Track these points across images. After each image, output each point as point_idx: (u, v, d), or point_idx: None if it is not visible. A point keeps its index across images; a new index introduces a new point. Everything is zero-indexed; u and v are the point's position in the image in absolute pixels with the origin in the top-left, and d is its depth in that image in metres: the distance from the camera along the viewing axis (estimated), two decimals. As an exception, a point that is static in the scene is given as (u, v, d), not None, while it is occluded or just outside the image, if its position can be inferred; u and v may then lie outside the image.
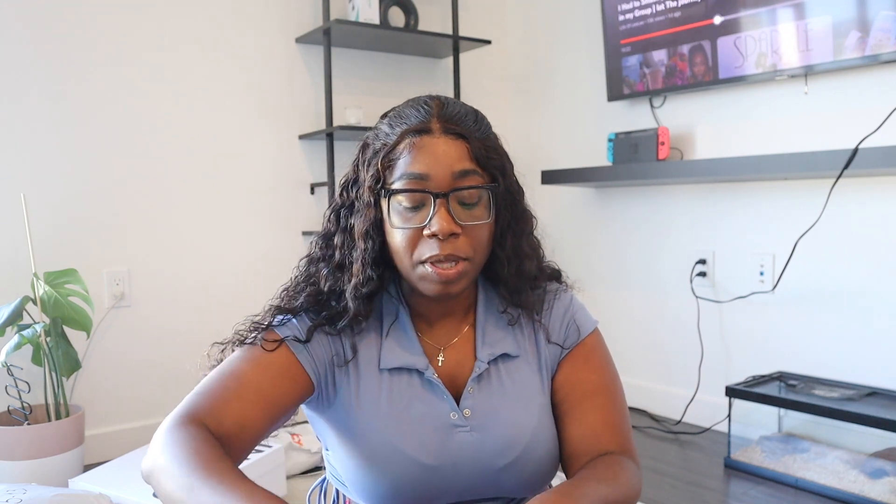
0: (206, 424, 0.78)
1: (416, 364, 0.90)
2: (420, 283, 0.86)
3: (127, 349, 2.43)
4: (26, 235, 2.13)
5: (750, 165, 2.18)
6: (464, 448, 0.88)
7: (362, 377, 0.90)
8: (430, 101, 0.89)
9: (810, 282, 2.30)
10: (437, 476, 0.87)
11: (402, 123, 0.88)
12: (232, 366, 0.85)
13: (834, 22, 2.10)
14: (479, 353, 0.92)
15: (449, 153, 0.85)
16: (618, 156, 2.63)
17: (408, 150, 0.85)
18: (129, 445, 2.33)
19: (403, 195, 0.84)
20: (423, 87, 3.07)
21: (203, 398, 0.81)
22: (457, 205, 0.85)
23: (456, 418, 0.89)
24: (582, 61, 2.99)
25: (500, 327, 0.95)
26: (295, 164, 2.78)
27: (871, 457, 2.03)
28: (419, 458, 0.86)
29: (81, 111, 2.34)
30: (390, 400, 0.89)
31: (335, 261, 0.91)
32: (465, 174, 0.85)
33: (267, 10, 2.69)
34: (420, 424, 0.88)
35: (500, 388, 0.92)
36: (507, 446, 0.89)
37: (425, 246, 0.84)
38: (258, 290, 2.66)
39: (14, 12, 2.22)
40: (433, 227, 0.83)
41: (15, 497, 1.62)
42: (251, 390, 0.83)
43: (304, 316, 0.90)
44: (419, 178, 0.84)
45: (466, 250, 0.85)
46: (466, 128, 0.87)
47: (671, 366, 2.71)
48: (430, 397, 0.90)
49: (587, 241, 3.01)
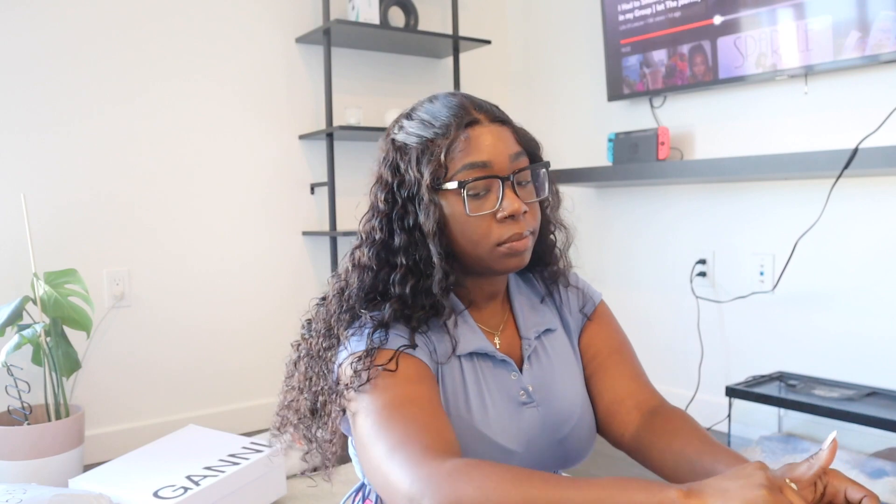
0: (448, 454, 0.74)
1: (486, 348, 0.93)
2: (498, 262, 0.89)
3: (127, 349, 2.43)
4: (26, 235, 2.13)
5: (750, 165, 2.18)
6: (533, 424, 0.92)
7: (445, 368, 0.90)
8: (457, 95, 0.93)
9: (810, 282, 2.29)
10: (518, 460, 0.90)
11: (447, 119, 0.89)
12: (390, 401, 0.80)
13: (834, 22, 2.10)
14: (524, 331, 0.97)
15: (502, 139, 0.90)
16: (618, 156, 2.63)
17: (464, 142, 0.88)
18: (129, 445, 2.32)
19: (471, 185, 0.87)
20: (423, 87, 3.07)
21: (419, 440, 0.74)
22: (518, 185, 0.90)
23: (524, 396, 0.93)
24: (582, 61, 2.98)
25: (534, 305, 1.01)
26: (295, 164, 2.78)
27: (871, 457, 2.03)
28: (504, 443, 0.89)
29: (81, 111, 2.34)
30: (472, 385, 0.91)
31: (404, 264, 0.89)
32: (518, 156, 0.90)
33: (267, 10, 2.69)
34: (498, 408, 0.91)
35: (548, 362, 0.97)
36: (567, 416, 0.94)
37: (502, 228, 0.88)
38: (258, 289, 2.66)
39: (14, 12, 2.22)
40: (507, 209, 0.87)
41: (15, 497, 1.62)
42: (432, 403, 0.81)
43: (396, 325, 0.88)
44: (483, 166, 0.88)
45: (532, 224, 0.91)
46: (503, 115, 0.93)
47: (671, 366, 2.71)
48: (502, 379, 0.93)
49: (587, 241, 3.00)
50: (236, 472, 1.83)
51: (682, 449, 0.84)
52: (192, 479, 1.78)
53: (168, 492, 1.73)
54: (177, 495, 1.71)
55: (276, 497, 1.95)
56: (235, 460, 1.89)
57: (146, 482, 1.78)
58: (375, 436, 0.77)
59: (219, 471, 1.82)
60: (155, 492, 1.73)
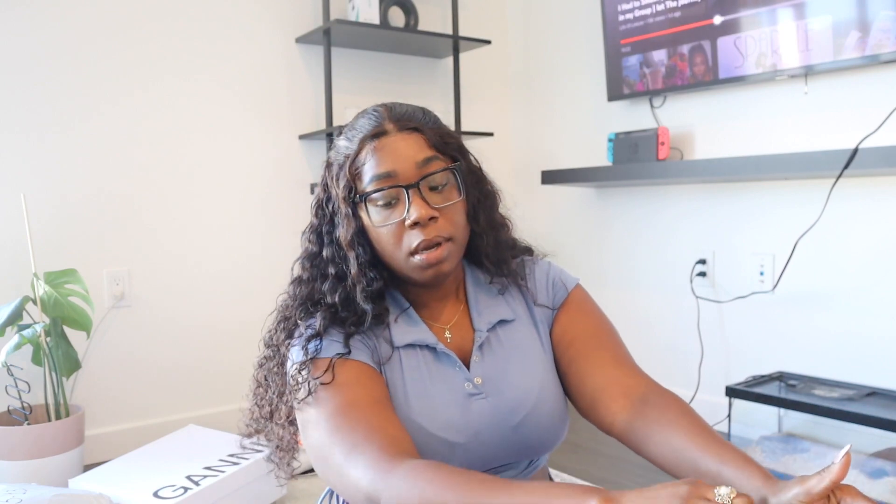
0: (400, 454, 0.77)
1: (427, 339, 0.94)
2: (414, 272, 0.91)
3: (127, 349, 2.43)
4: (26, 235, 2.13)
5: (750, 165, 2.18)
6: (483, 415, 0.92)
7: (384, 364, 0.93)
8: (378, 108, 0.96)
9: (810, 282, 2.30)
10: (463, 451, 0.90)
11: (358, 133, 0.93)
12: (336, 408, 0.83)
13: (834, 22, 2.10)
14: (477, 323, 0.98)
15: (408, 147, 0.91)
16: (618, 156, 2.63)
17: (370, 155, 0.91)
18: (129, 445, 2.32)
19: (378, 195, 0.90)
20: (423, 87, 3.07)
21: (370, 444, 0.78)
22: (428, 191, 0.90)
23: (470, 388, 0.93)
24: (582, 61, 2.98)
25: (491, 297, 1.01)
26: (295, 164, 2.78)
27: (871, 457, 2.03)
28: (446, 436, 0.89)
29: (81, 111, 2.34)
30: (412, 378, 0.92)
31: (332, 274, 0.94)
32: (428, 161, 0.91)
33: (267, 10, 2.69)
34: (441, 400, 0.91)
35: (502, 352, 0.97)
36: (518, 404, 0.93)
37: (411, 236, 0.89)
38: (258, 289, 2.66)
39: (14, 12, 2.22)
40: (412, 217, 0.88)
41: (15, 497, 1.62)
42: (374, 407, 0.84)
43: (331, 332, 0.92)
44: (387, 177, 0.89)
45: (447, 230, 0.90)
46: (418, 121, 0.94)
47: (671, 366, 2.71)
48: (445, 371, 0.94)
49: (587, 241, 3.00)
50: (236, 472, 1.83)
51: (685, 448, 0.80)
52: (192, 479, 1.78)
53: (168, 492, 1.73)
54: (177, 495, 1.71)
55: (276, 497, 1.95)
56: (235, 460, 1.89)
57: (146, 482, 1.78)
58: (329, 445, 0.81)
59: (219, 471, 1.82)
60: (155, 492, 1.73)
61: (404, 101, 0.99)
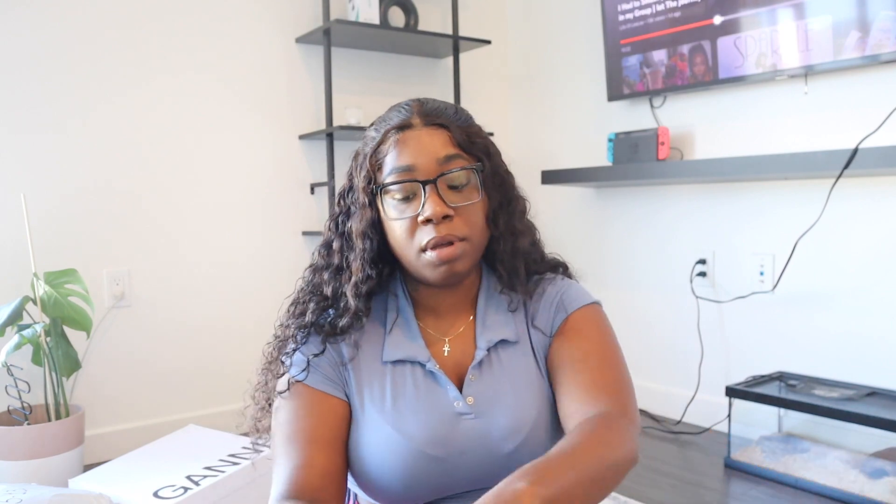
0: (304, 499, 0.81)
1: (418, 356, 0.92)
2: (425, 270, 0.89)
3: (127, 349, 2.43)
4: (26, 235, 2.13)
5: (750, 165, 2.18)
6: (470, 436, 0.89)
7: (366, 373, 0.92)
8: (410, 102, 0.94)
9: (810, 282, 2.30)
10: (446, 467, 0.88)
11: (386, 125, 0.92)
12: (287, 427, 0.89)
13: (834, 22, 2.10)
14: (479, 340, 0.94)
15: (432, 142, 0.89)
16: (618, 156, 2.63)
17: (393, 147, 0.90)
18: (129, 445, 2.33)
19: (395, 188, 0.88)
20: (423, 87, 3.07)
21: (286, 473, 0.84)
22: (447, 189, 0.89)
23: (460, 406, 0.90)
24: (582, 61, 2.98)
25: (500, 313, 0.96)
26: (295, 164, 2.78)
27: (871, 457, 2.03)
28: (426, 449, 0.87)
29: (81, 111, 2.34)
30: (394, 392, 0.91)
31: (335, 265, 0.95)
32: (450, 159, 0.89)
33: (267, 10, 2.69)
34: (425, 415, 0.89)
35: (501, 374, 0.93)
36: (513, 431, 0.89)
37: (423, 232, 0.87)
38: (258, 289, 2.66)
39: (14, 12, 2.22)
40: (426, 213, 0.86)
41: (15, 497, 1.62)
42: (313, 442, 0.86)
43: (313, 334, 0.93)
44: (406, 170, 0.88)
45: (462, 230, 0.88)
46: (447, 118, 0.92)
47: (671, 366, 2.71)
48: (433, 387, 0.91)
49: (587, 241, 3.01)
50: (236, 472, 1.83)
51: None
52: (192, 479, 1.78)
53: (168, 492, 1.73)
54: (177, 495, 1.71)
55: (276, 497, 1.95)
56: (235, 460, 1.89)
57: (146, 482, 1.78)
58: (275, 456, 0.88)
59: (219, 471, 1.82)
60: (155, 492, 1.73)
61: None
